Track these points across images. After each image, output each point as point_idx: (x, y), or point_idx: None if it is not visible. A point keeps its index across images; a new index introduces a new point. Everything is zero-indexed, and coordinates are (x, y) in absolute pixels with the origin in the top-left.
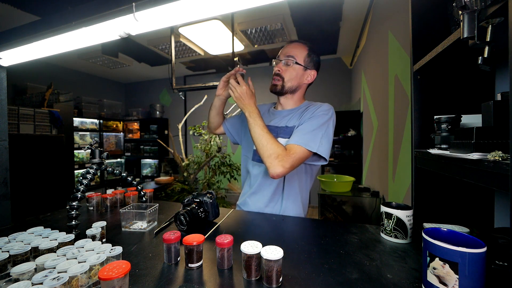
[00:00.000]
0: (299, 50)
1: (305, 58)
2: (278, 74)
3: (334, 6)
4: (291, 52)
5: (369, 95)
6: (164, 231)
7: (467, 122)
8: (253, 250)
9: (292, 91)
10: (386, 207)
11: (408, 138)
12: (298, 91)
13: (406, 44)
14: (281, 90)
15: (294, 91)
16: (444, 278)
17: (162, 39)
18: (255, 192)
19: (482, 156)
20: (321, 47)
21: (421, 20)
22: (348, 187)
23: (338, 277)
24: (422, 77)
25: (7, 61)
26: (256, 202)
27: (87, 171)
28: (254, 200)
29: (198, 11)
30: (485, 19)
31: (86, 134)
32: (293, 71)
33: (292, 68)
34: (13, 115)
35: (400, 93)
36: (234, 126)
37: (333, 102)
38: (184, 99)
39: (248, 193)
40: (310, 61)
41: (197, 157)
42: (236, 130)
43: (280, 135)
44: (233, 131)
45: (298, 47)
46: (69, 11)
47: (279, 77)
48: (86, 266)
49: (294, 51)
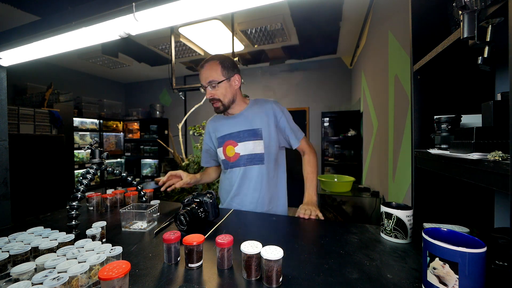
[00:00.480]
0: (214, 69)
1: (222, 72)
2: (213, 99)
3: (334, 6)
4: (209, 77)
5: (369, 95)
6: (164, 231)
7: (467, 122)
8: (253, 250)
9: (232, 101)
10: (386, 207)
11: (408, 138)
12: (237, 98)
13: (406, 44)
14: (225, 108)
15: (234, 100)
16: (444, 278)
17: (162, 39)
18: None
19: (482, 156)
20: (321, 47)
21: (421, 20)
22: (348, 187)
23: (338, 277)
24: (422, 77)
25: (7, 61)
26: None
27: (87, 171)
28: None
29: (198, 11)
30: (485, 19)
31: (86, 134)
32: (221, 89)
33: (218, 87)
34: (13, 115)
35: (400, 93)
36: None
37: (333, 102)
38: (184, 99)
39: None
40: (227, 70)
41: (197, 157)
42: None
43: (246, 138)
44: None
45: (211, 67)
46: (69, 11)
47: (215, 100)
48: (86, 266)
49: (211, 73)
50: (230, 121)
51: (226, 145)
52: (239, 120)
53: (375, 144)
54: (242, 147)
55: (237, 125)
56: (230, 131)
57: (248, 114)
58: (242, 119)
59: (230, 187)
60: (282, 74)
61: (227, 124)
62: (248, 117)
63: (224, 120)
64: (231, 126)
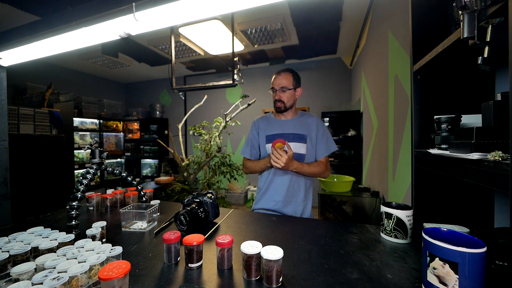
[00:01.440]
0: (288, 79)
1: (292, 83)
2: (279, 100)
3: (334, 6)
4: (283, 83)
5: (369, 95)
6: (164, 231)
7: (467, 122)
8: (253, 250)
9: (291, 107)
10: (386, 207)
11: (408, 138)
12: (294, 105)
13: (406, 44)
14: (284, 110)
15: (292, 106)
16: (444, 278)
17: (162, 39)
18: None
19: (482, 156)
20: (321, 47)
21: (421, 20)
22: (348, 187)
23: (338, 277)
24: (422, 77)
25: (7, 61)
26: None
27: (87, 171)
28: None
29: (198, 11)
30: (485, 19)
31: (86, 134)
32: (288, 94)
33: (287, 93)
34: (13, 115)
35: (400, 93)
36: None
37: (333, 102)
38: (184, 99)
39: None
40: (296, 82)
41: (197, 157)
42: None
43: (294, 140)
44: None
45: (286, 77)
46: (69, 11)
47: (281, 101)
48: (86, 266)
49: (285, 82)
50: (281, 123)
51: (276, 142)
52: (289, 124)
53: (375, 144)
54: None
55: (287, 128)
56: (281, 132)
57: (297, 121)
58: (293, 124)
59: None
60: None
61: (279, 125)
62: (297, 124)
63: (275, 122)
64: (282, 128)
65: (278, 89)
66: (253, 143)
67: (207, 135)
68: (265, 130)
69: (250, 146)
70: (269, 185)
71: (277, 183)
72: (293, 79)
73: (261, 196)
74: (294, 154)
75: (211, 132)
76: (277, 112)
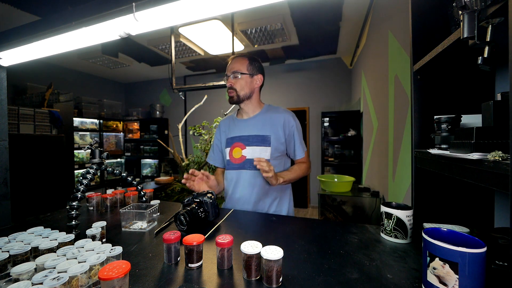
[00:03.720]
0: (241, 63)
1: (247, 67)
2: (230, 87)
3: (334, 6)
4: (235, 68)
5: (369, 95)
6: (164, 231)
7: (467, 122)
8: (253, 250)
9: (247, 97)
10: (386, 207)
11: (408, 138)
12: (253, 96)
13: (406, 44)
14: (238, 99)
15: (250, 97)
16: (444, 278)
17: (162, 39)
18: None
19: (482, 156)
20: (321, 47)
21: (421, 20)
22: (348, 187)
23: (338, 277)
24: (422, 77)
25: (7, 61)
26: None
27: (87, 171)
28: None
29: (198, 11)
30: (485, 19)
31: (86, 134)
32: (241, 81)
33: (240, 79)
34: (13, 115)
35: (400, 93)
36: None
37: (333, 102)
38: (184, 99)
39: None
40: (253, 68)
41: (197, 157)
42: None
43: (254, 143)
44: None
45: (239, 61)
46: (69, 11)
47: (232, 89)
48: (86, 266)
49: (237, 66)
50: (241, 124)
51: (234, 147)
52: (250, 124)
53: (375, 144)
54: (249, 150)
55: (247, 129)
56: (240, 134)
57: (260, 119)
58: (253, 123)
59: (228, 187)
60: (282, 74)
61: (238, 126)
62: (259, 122)
63: (237, 122)
64: (242, 129)
65: (229, 75)
66: (218, 148)
67: (207, 135)
68: (227, 133)
69: (216, 151)
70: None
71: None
72: (248, 63)
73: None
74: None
75: (211, 132)
76: (230, 103)
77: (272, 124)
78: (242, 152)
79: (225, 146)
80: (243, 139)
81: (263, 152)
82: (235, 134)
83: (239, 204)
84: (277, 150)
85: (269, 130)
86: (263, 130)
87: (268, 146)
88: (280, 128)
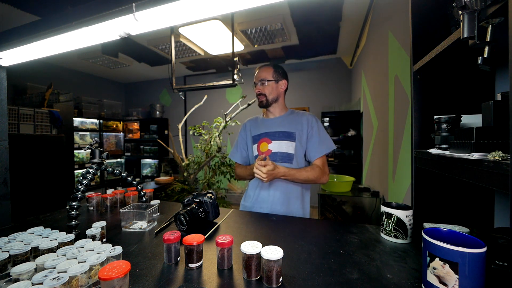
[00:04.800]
0: (267, 71)
1: (273, 75)
2: (260, 93)
3: (334, 6)
4: (262, 76)
5: (369, 95)
6: (164, 231)
7: (467, 122)
8: (253, 250)
9: (275, 100)
10: (386, 207)
11: (408, 138)
12: (279, 99)
13: (406, 44)
14: (267, 103)
15: (277, 100)
16: (444, 278)
17: (162, 39)
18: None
19: (482, 156)
20: (321, 47)
21: (421, 20)
22: (348, 187)
23: (338, 277)
24: (422, 77)
25: (7, 61)
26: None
27: (87, 171)
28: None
29: (198, 11)
30: (485, 19)
31: (86, 134)
32: (269, 87)
33: (268, 85)
34: (13, 115)
35: (400, 93)
36: (246, 158)
37: (333, 102)
38: (184, 99)
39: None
40: (278, 75)
41: (197, 157)
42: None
43: (280, 138)
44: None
45: (265, 69)
46: (69, 11)
47: (262, 95)
48: (86, 266)
49: (264, 74)
50: (268, 122)
51: (261, 142)
52: (276, 122)
53: (375, 144)
54: (275, 144)
55: (274, 126)
56: (266, 130)
57: (285, 119)
58: (279, 121)
59: (257, 181)
60: None
61: (265, 124)
62: (285, 121)
63: (263, 121)
64: (268, 127)
65: (257, 83)
66: (241, 145)
67: (207, 135)
68: (253, 131)
69: (240, 148)
70: (257, 198)
71: (263, 196)
72: (273, 71)
73: (252, 204)
74: (282, 154)
75: (211, 132)
76: (260, 107)
77: (296, 123)
78: (268, 146)
79: (251, 143)
80: (270, 135)
81: (288, 146)
82: (262, 131)
83: (268, 198)
84: (302, 146)
85: (294, 128)
86: (288, 127)
87: (293, 141)
88: (305, 126)
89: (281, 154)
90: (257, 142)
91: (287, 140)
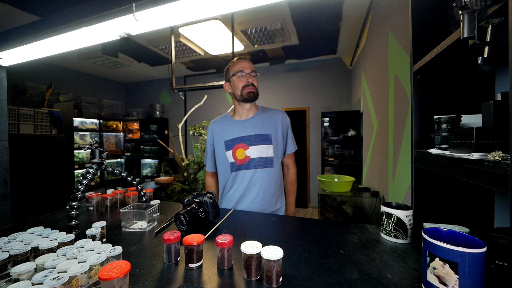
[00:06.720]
0: (251, 64)
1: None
2: (252, 84)
3: (334, 6)
4: (252, 67)
5: (369, 95)
6: (164, 231)
7: (467, 122)
8: (253, 250)
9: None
10: (386, 207)
11: (408, 138)
12: None
13: (406, 44)
14: (256, 97)
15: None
16: (444, 278)
17: (162, 39)
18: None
19: (482, 156)
20: (321, 47)
21: (421, 20)
22: (348, 187)
23: (338, 277)
24: (422, 77)
25: (7, 61)
26: None
27: (87, 171)
28: None
29: (198, 11)
30: (485, 19)
31: (86, 134)
32: (256, 80)
33: (256, 78)
34: (13, 115)
35: (400, 93)
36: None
37: (333, 102)
38: (184, 99)
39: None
40: None
41: (197, 157)
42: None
43: (257, 142)
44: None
45: (249, 62)
46: (69, 11)
47: (253, 86)
48: (86, 266)
49: (252, 66)
50: (240, 124)
51: (237, 148)
52: (249, 124)
53: (375, 144)
54: (253, 150)
55: (247, 129)
56: (240, 135)
57: (259, 119)
58: (253, 123)
59: (237, 189)
60: (282, 74)
61: (237, 127)
62: (258, 122)
63: (233, 124)
64: (241, 130)
65: (249, 72)
66: (210, 152)
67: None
68: (223, 135)
69: (209, 156)
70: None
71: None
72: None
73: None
74: (262, 159)
75: None
76: (249, 100)
77: (270, 123)
78: (245, 152)
79: (225, 149)
80: (245, 139)
81: (267, 150)
82: (235, 135)
83: (251, 205)
84: (278, 147)
85: (269, 129)
86: (263, 129)
87: (270, 144)
88: (279, 125)
89: (260, 159)
90: (232, 148)
91: (265, 144)
